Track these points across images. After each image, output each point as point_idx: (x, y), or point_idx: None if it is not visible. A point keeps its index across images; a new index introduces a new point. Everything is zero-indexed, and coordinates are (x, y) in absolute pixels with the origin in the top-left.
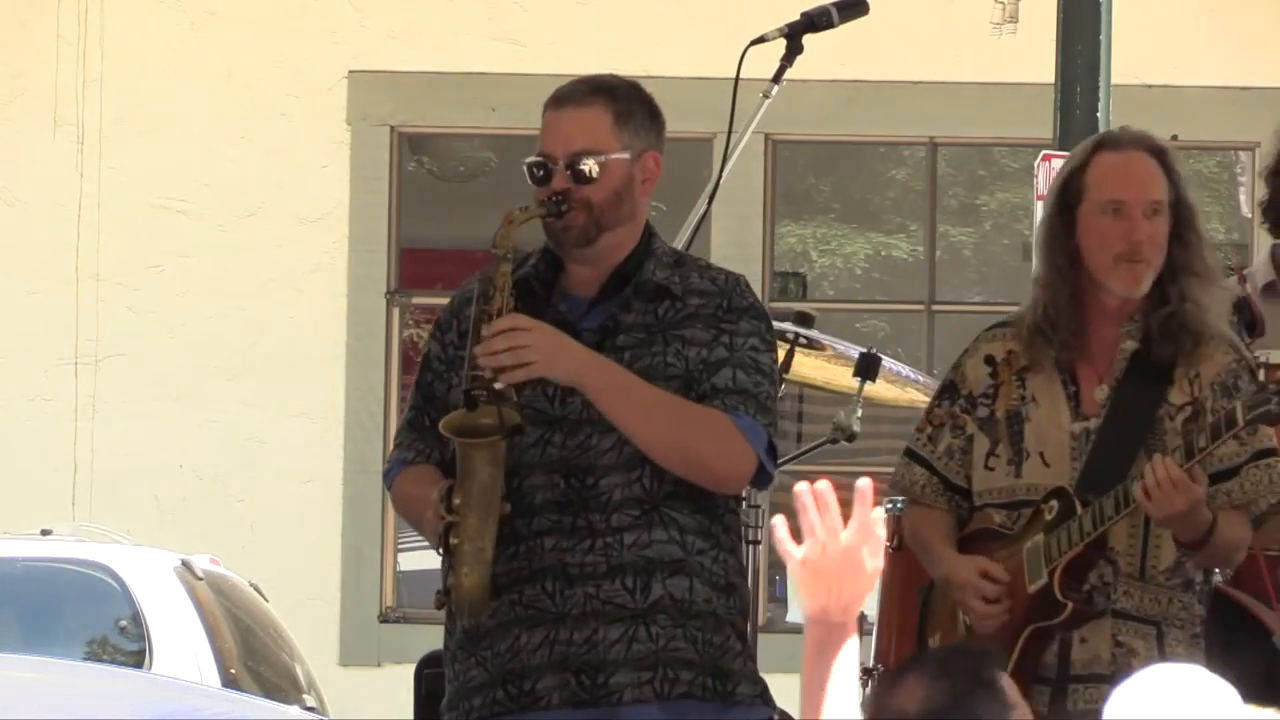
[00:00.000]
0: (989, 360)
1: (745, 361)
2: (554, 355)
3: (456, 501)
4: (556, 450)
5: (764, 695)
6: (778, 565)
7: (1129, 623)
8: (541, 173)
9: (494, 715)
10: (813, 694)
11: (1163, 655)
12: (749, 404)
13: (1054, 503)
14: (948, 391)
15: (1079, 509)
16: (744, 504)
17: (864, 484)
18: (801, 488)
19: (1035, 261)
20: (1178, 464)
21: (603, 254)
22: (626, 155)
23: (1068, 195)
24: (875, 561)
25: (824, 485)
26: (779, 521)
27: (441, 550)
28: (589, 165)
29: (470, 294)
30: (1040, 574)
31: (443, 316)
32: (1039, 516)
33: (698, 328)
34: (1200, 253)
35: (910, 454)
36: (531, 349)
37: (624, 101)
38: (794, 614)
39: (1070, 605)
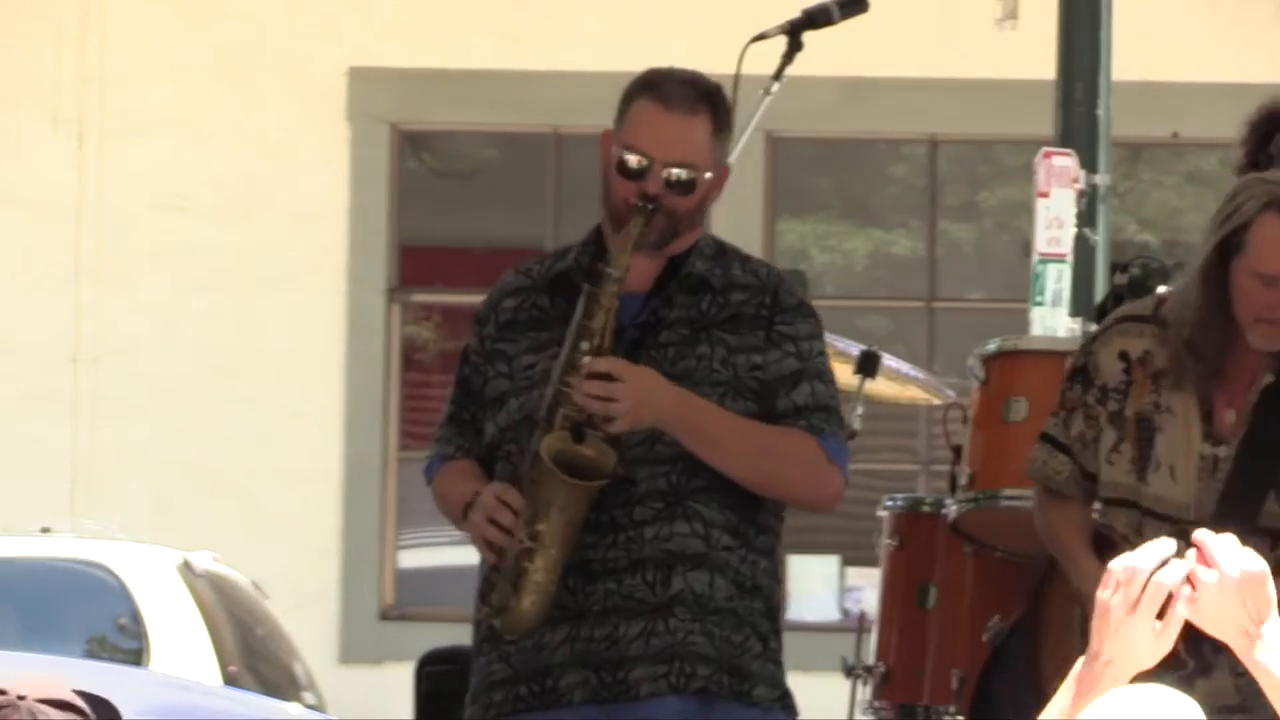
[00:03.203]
0: (1123, 356)
1: (820, 370)
2: (640, 410)
3: (540, 528)
4: None
5: (783, 700)
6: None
7: None
8: (639, 171)
9: (515, 712)
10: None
11: None
12: (831, 420)
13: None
14: (1079, 376)
15: None
16: None
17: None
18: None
19: (1189, 289)
20: None
21: (664, 254)
22: (713, 169)
23: (1228, 242)
24: (1163, 642)
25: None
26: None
27: (504, 565)
28: (687, 176)
29: (508, 287)
30: None
31: (481, 311)
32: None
33: (743, 330)
34: None
35: (1050, 440)
36: (620, 404)
37: (721, 114)
38: (794, 611)
39: (1192, 663)
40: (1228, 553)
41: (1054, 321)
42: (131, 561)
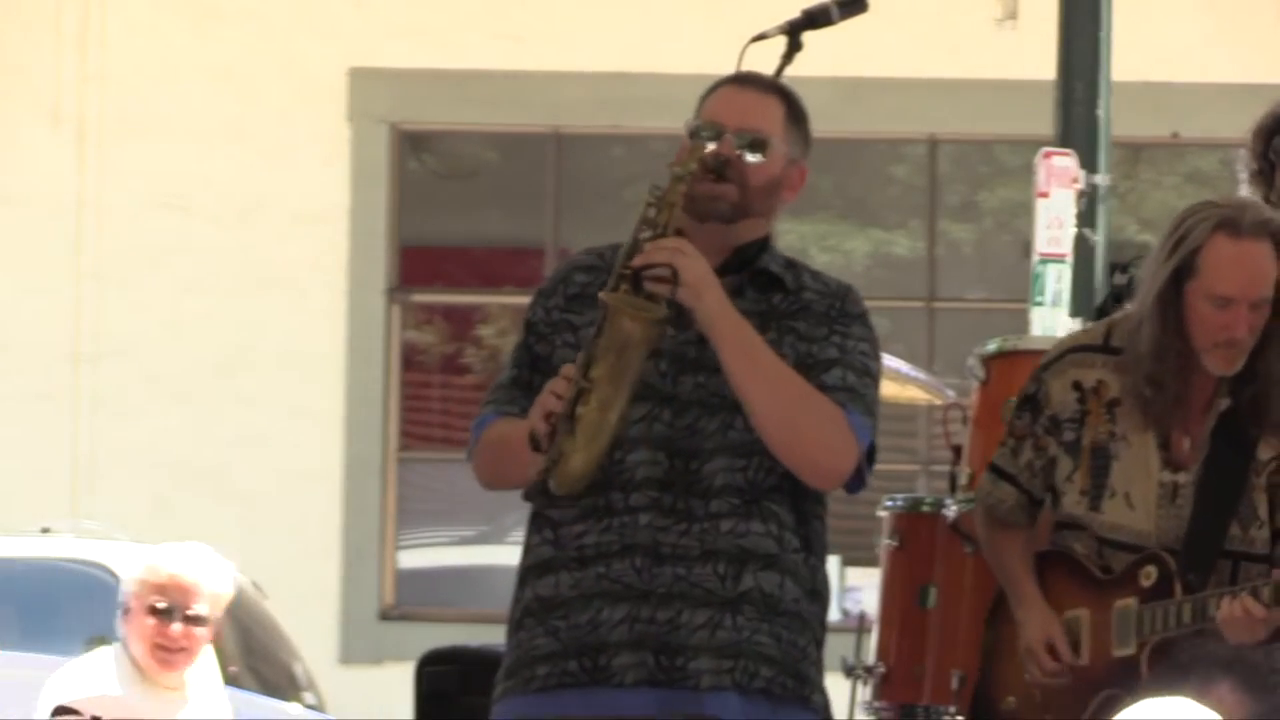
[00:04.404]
0: (1076, 386)
1: (855, 364)
2: (703, 288)
3: (595, 372)
4: (664, 428)
5: (828, 710)
6: None
7: None
8: (709, 136)
9: (562, 686)
10: None
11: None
12: (857, 402)
13: (1152, 570)
14: (1028, 405)
15: (1178, 590)
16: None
17: None
18: None
19: (1146, 320)
20: (1264, 604)
21: (731, 237)
22: (787, 152)
23: (1181, 268)
24: None
25: None
26: None
27: (556, 425)
28: (756, 147)
29: (579, 264)
30: (1128, 643)
31: (546, 284)
32: (1134, 577)
33: (811, 321)
34: None
35: (996, 470)
36: (687, 271)
37: (796, 108)
38: None
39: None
40: None
41: (1054, 321)
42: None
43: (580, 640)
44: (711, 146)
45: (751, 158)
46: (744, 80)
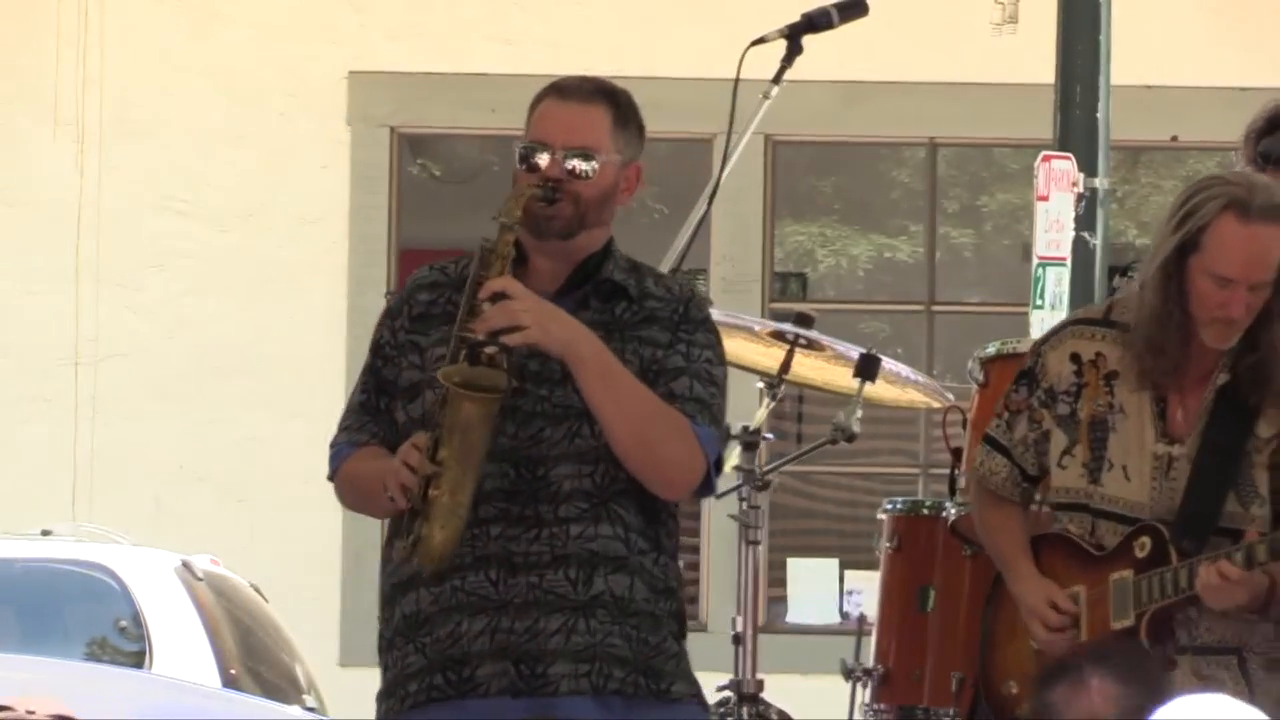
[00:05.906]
0: (1074, 358)
1: (701, 373)
2: (547, 322)
3: (442, 454)
4: (508, 440)
5: (699, 696)
6: (778, 565)
7: (1211, 656)
8: (536, 158)
9: (431, 701)
10: None
11: (1246, 681)
12: (704, 414)
13: (1146, 540)
14: (1025, 379)
15: (1174, 558)
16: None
17: None
18: None
19: (1148, 287)
20: (1238, 566)
21: (573, 251)
22: (618, 159)
23: (1186, 242)
24: None
25: None
26: None
27: (412, 503)
28: (585, 162)
29: (423, 281)
30: (1127, 614)
31: (393, 304)
32: (1129, 549)
33: (655, 329)
34: None
35: (991, 441)
36: (526, 314)
37: (624, 109)
38: (794, 614)
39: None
40: None
41: (1053, 324)
42: (132, 564)
43: (444, 654)
44: (544, 161)
45: (584, 166)
46: (566, 91)
